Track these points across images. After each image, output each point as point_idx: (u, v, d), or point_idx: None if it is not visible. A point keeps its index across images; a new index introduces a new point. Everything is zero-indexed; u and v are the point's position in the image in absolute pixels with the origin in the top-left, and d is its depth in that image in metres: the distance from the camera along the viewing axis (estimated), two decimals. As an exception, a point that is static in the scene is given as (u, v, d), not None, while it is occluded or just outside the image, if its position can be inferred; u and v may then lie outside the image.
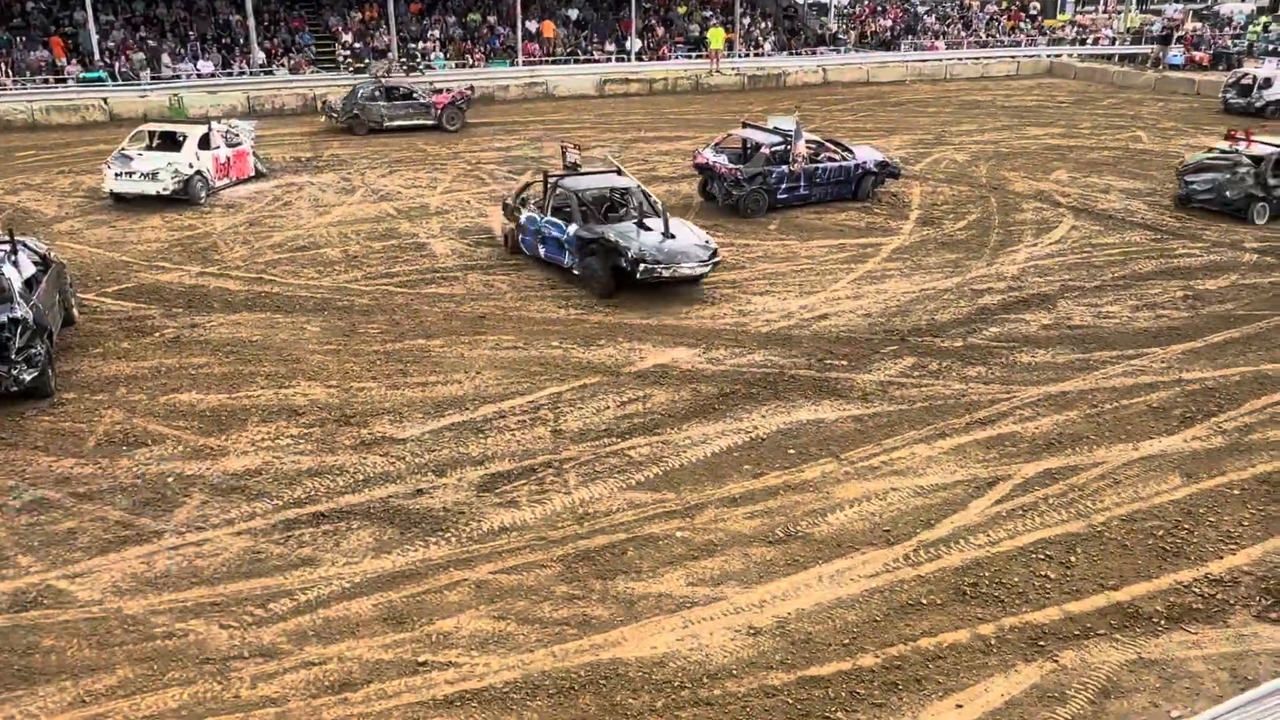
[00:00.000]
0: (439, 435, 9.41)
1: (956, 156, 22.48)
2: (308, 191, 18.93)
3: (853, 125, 26.26)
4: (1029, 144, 23.95)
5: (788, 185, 17.47)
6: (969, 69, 37.89)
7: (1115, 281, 13.95)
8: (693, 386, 10.50)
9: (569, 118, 27.68)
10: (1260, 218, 16.70)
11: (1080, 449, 9.20)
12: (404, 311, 12.65)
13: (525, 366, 10.98)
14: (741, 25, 37.24)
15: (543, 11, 35.73)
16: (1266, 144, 17.20)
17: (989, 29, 42.28)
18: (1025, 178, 20.29)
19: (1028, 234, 16.28)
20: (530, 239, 14.34)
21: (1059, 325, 12.29)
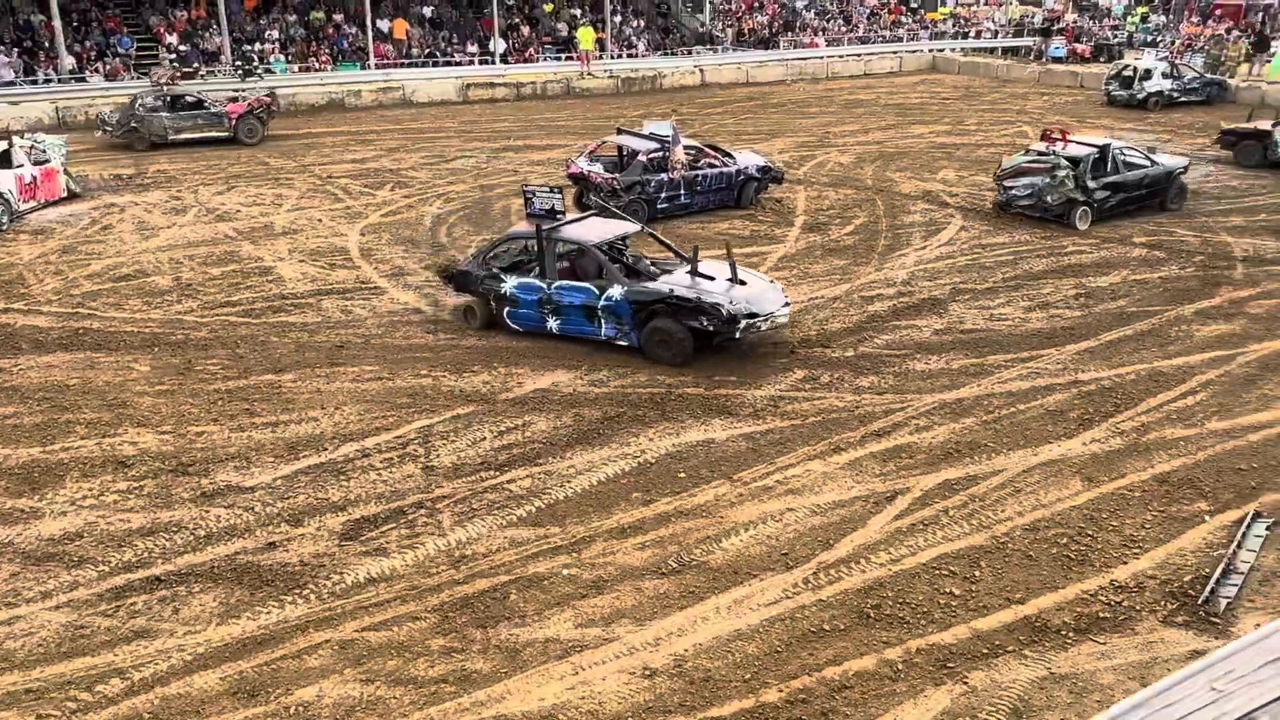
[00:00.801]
0: (293, 480, 9.11)
1: (841, 158, 23.21)
2: (131, 213, 18.15)
3: (733, 129, 26.84)
4: (914, 143, 24.93)
5: (668, 194, 17.71)
6: (851, 66, 39.26)
7: (1006, 282, 14.61)
8: (575, 411, 10.48)
9: (431, 126, 27.43)
10: (1082, 222, 16.99)
11: (979, 457, 9.57)
12: (248, 344, 12.23)
13: (390, 399, 10.75)
14: (612, 24, 37.68)
15: (395, 9, 35.35)
16: (1083, 144, 17.61)
17: (870, 24, 43.95)
18: (912, 178, 21.09)
19: (916, 236, 16.91)
20: (530, 312, 12.29)
21: (951, 330, 12.79)
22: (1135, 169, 17.73)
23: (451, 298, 13.37)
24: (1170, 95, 29.97)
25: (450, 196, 19.59)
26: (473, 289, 12.68)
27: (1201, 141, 24.89)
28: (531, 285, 12.26)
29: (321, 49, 32.74)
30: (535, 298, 12.24)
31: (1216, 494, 8.95)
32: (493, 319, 12.63)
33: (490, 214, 18.33)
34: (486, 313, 12.64)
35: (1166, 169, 18.11)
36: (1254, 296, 13.91)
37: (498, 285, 12.43)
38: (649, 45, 38.12)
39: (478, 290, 12.61)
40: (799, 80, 37.33)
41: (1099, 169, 17.31)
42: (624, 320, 11.82)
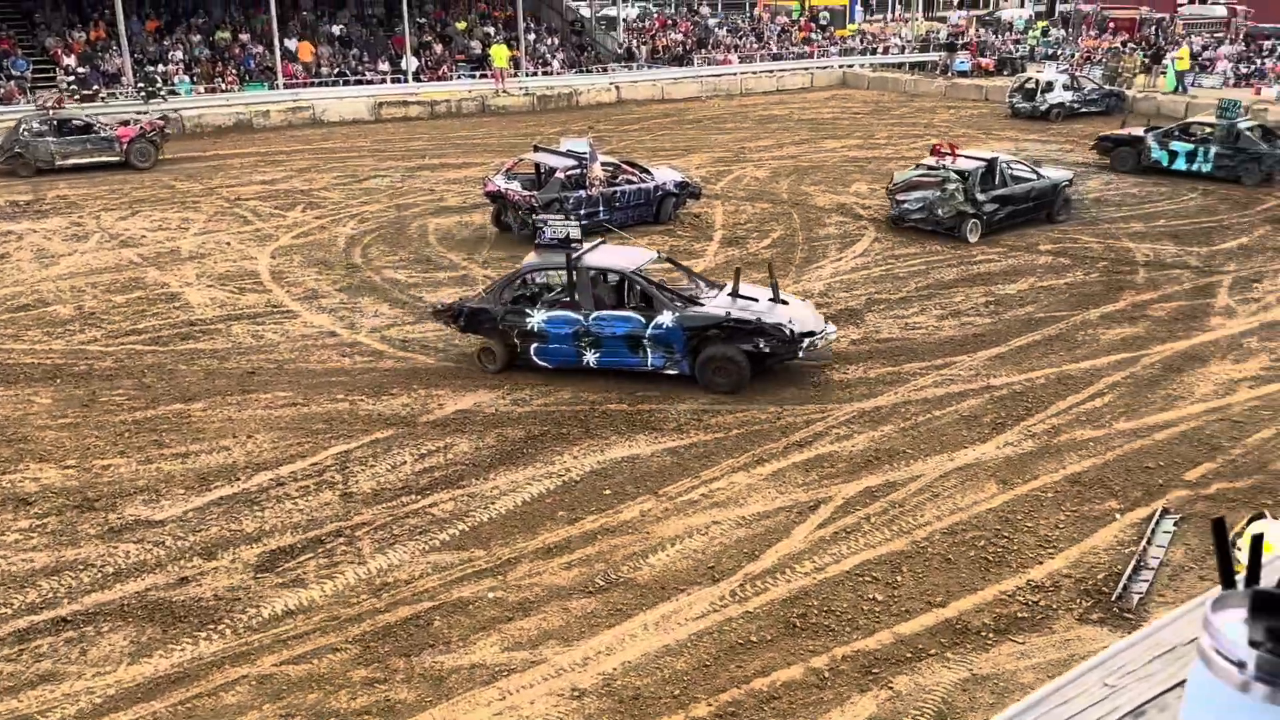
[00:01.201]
0: (205, 512, 8.86)
1: (757, 173, 23.53)
2: (29, 240, 17.53)
3: (650, 145, 27.03)
4: (828, 157, 25.39)
5: (586, 210, 17.71)
6: (764, 82, 39.86)
7: (919, 292, 14.95)
8: (498, 431, 10.41)
9: (343, 145, 27.06)
10: (973, 235, 17.29)
11: (898, 464, 9.76)
12: (156, 373, 11.89)
13: (306, 425, 10.54)
14: (527, 42, 37.69)
15: (303, 28, 34.86)
16: (971, 157, 18.02)
17: (781, 41, 44.72)
18: (826, 191, 21.47)
19: (832, 249, 17.21)
20: (563, 346, 11.61)
21: (868, 339, 13.03)
22: (1022, 182, 18.17)
23: (446, 335, 12.93)
24: (1071, 106, 31.05)
25: (364, 217, 19.34)
26: (490, 328, 11.77)
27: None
28: (565, 318, 11.50)
29: (228, 69, 32.09)
30: (569, 331, 11.50)
31: (1126, 492, 9.26)
32: (514, 358, 11.81)
33: (406, 233, 18.14)
34: (507, 352, 11.78)
35: (1052, 181, 18.60)
36: (1156, 300, 14.46)
37: (523, 321, 11.57)
38: (564, 63, 38.22)
39: (497, 329, 11.71)
40: (714, 96, 37.77)
41: (987, 182, 17.71)
42: (675, 348, 11.32)
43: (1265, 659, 0.92)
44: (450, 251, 17.03)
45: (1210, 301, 14.39)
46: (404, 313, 14.01)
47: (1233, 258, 16.48)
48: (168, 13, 34.08)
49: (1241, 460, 9.83)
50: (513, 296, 11.95)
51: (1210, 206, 19.89)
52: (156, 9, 33.95)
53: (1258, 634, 0.94)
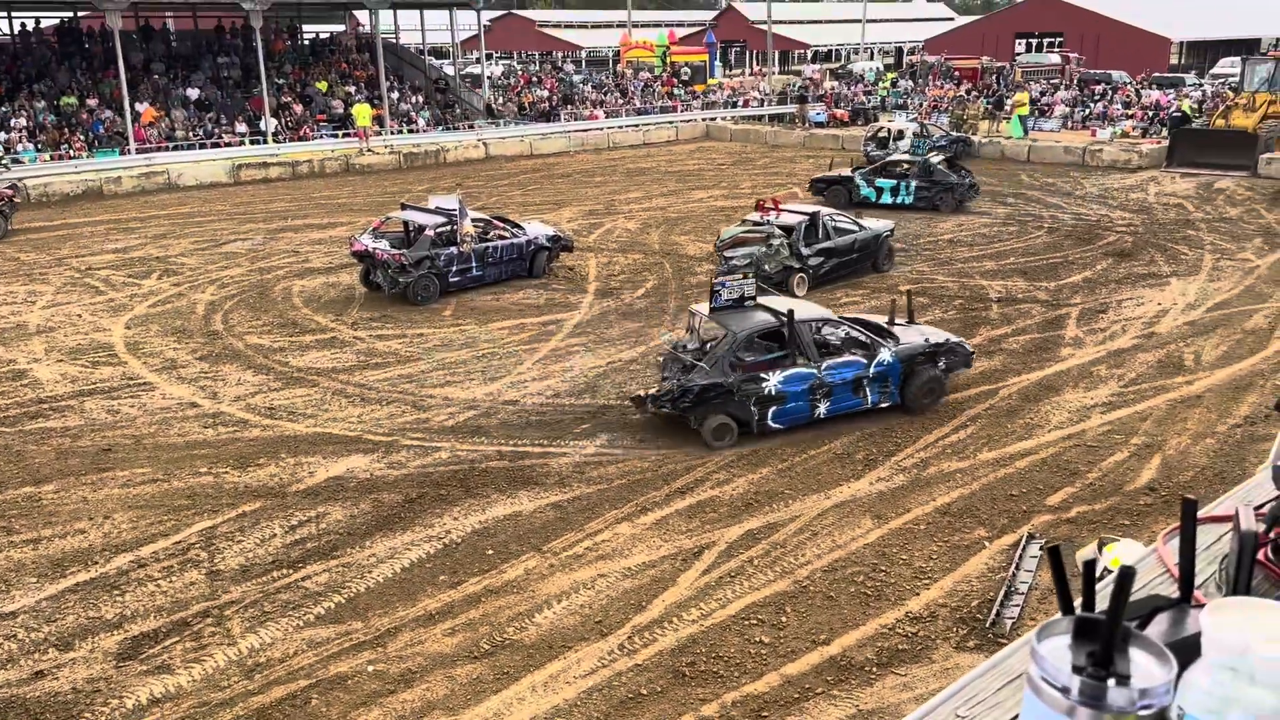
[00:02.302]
0: (60, 601, 8.34)
1: (628, 225, 23.85)
2: None
3: (521, 200, 27.13)
4: (696, 207, 25.94)
5: (459, 267, 17.64)
6: (630, 136, 40.60)
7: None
8: (374, 497, 10.16)
9: (200, 210, 26.27)
10: (800, 289, 17.37)
11: (777, 505, 9.92)
12: (2, 456, 11.19)
13: (167, 502, 10.08)
14: (390, 100, 37.48)
15: (155, 92, 33.87)
16: (795, 212, 18.36)
17: (645, 96, 45.68)
18: (696, 241, 21.89)
19: (704, 297, 17.47)
20: (799, 404, 11.50)
21: (744, 384, 13.24)
22: (845, 234, 18.36)
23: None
24: (922, 153, 32.62)
25: (225, 282, 18.77)
26: (723, 401, 11.20)
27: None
28: (798, 375, 11.42)
29: (75, 135, 30.87)
30: (804, 387, 11.46)
31: (993, 520, 9.62)
32: (726, 429, 11.29)
33: (270, 297, 17.67)
34: (737, 424, 11.30)
35: (875, 232, 18.88)
36: (1010, 334, 15.18)
37: (759, 386, 11.28)
38: (430, 120, 38.13)
39: (734, 400, 11.22)
40: (582, 151, 38.24)
41: (811, 236, 17.86)
42: (890, 381, 11.97)
43: (1087, 684, 0.97)
44: (317, 314, 16.66)
45: (1060, 333, 15.19)
46: (270, 379, 13.60)
47: (1078, 291, 17.47)
48: (8, 79, 32.67)
49: (1098, 483, 10.35)
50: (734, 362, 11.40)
51: (1055, 243, 21.07)
52: (-5, 74, 32.53)
53: (1080, 659, 0.98)
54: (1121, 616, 0.99)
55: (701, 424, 11.23)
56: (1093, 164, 31.87)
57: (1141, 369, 13.63)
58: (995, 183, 28.96)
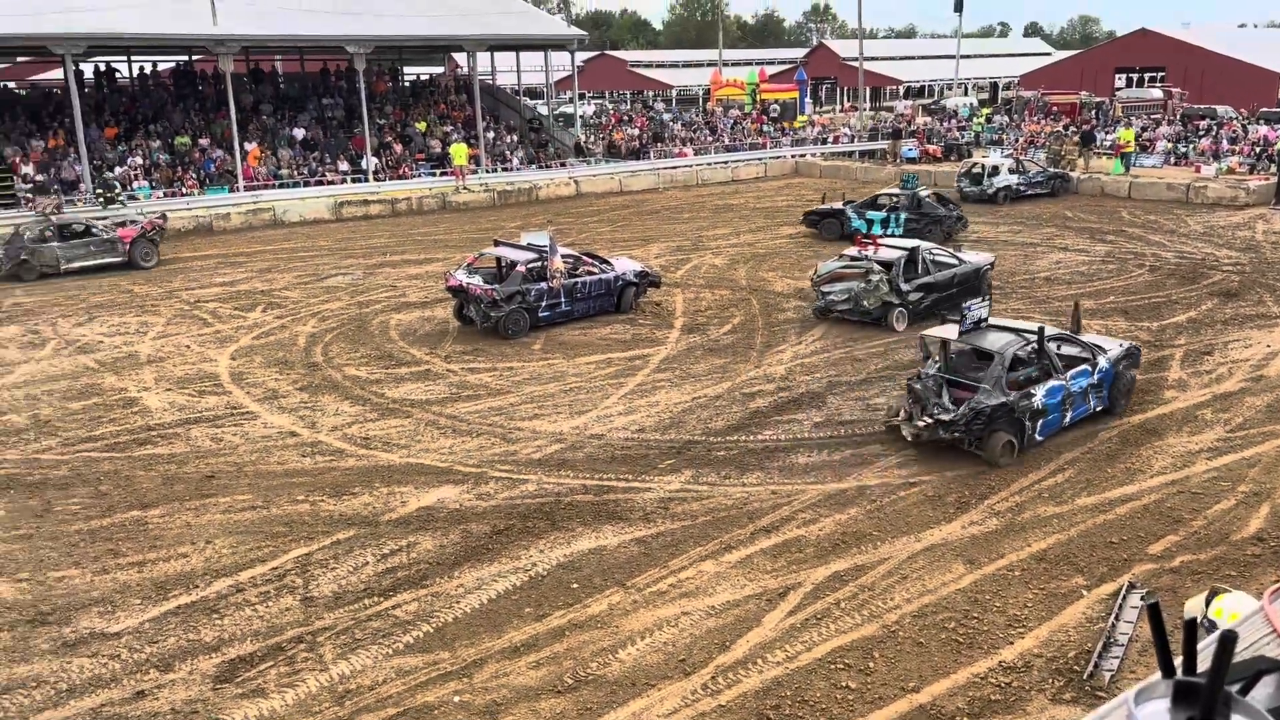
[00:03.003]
0: (162, 623, 8.63)
1: (715, 261, 23.88)
2: (-16, 349, 17.31)
3: (609, 236, 27.42)
4: (784, 243, 25.86)
5: (548, 302, 17.88)
6: (719, 173, 40.75)
7: (879, 374, 15.13)
8: (462, 527, 10.29)
9: (304, 245, 27.18)
10: (899, 324, 17.37)
11: (865, 547, 9.75)
12: (112, 480, 11.68)
13: (266, 528, 10.37)
14: (486, 140, 38.36)
15: (263, 133, 35.27)
16: (893, 248, 18.19)
17: (734, 133, 45.87)
18: (784, 277, 21.81)
19: (791, 333, 17.42)
20: (1054, 415, 12.08)
21: (830, 422, 13.12)
22: (945, 268, 18.14)
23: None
24: (1018, 189, 31.97)
25: (325, 315, 19.34)
26: (1007, 419, 11.57)
27: (1049, 230, 26.55)
28: (1055, 388, 12.06)
29: (188, 173, 32.31)
30: (1058, 399, 12.10)
31: (1091, 568, 9.29)
32: (1003, 447, 11.61)
33: (368, 330, 18.14)
34: (999, 436, 11.57)
35: (975, 266, 18.57)
36: (1108, 374, 14.71)
37: (1030, 402, 11.77)
38: (523, 159, 38.90)
39: (1013, 418, 11.62)
40: (670, 188, 38.51)
41: (910, 271, 17.74)
42: (1104, 385, 12.63)
43: (1186, 749, 0.93)
44: (412, 347, 17.04)
45: (1163, 375, 14.67)
46: (366, 410, 13.93)
47: (1182, 331, 16.87)
48: (126, 120, 34.40)
49: (1203, 532, 9.93)
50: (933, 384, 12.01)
51: (1158, 282, 20.42)
52: (116, 117, 34.28)
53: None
54: (1224, 681, 0.96)
55: (984, 444, 11.59)
56: (1197, 201, 30.85)
57: (1249, 413, 13.08)
58: (1094, 220, 28.25)
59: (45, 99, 35.54)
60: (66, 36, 29.06)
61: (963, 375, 12.34)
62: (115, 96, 36.27)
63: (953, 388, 12.06)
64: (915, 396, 12.14)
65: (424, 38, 38.51)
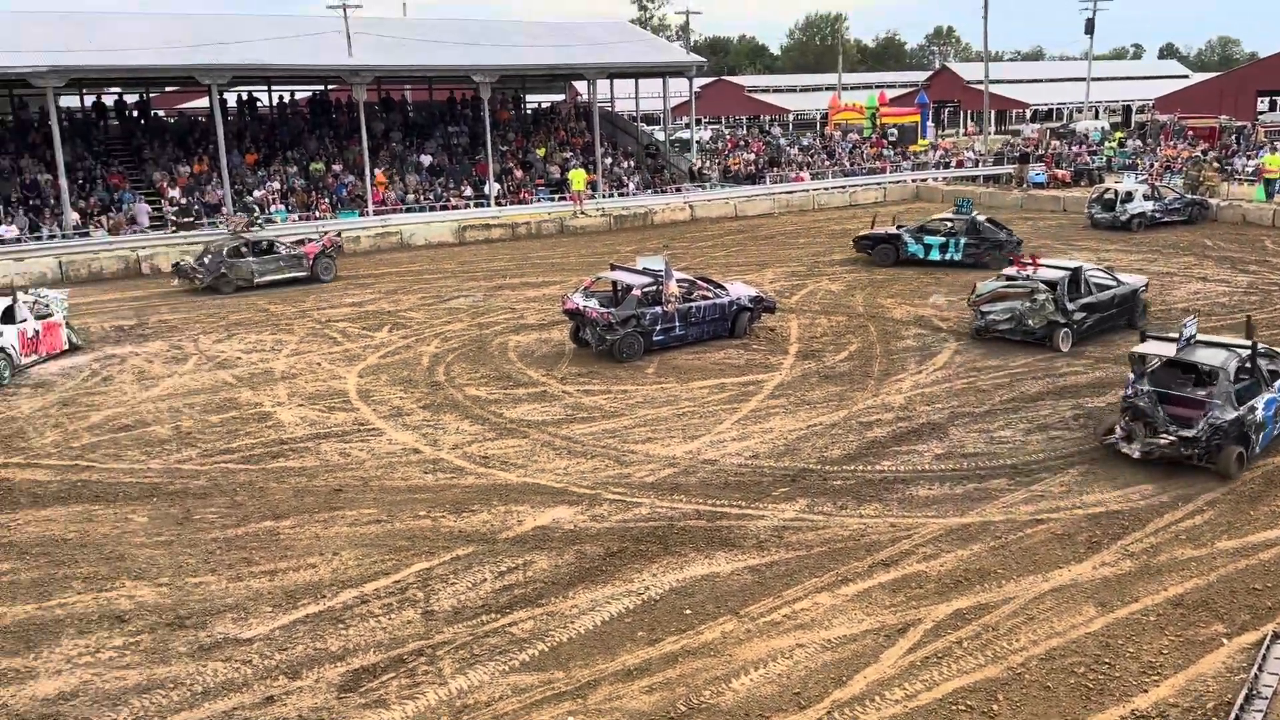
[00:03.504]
0: (291, 630, 8.95)
1: (831, 286, 23.63)
2: (131, 364, 18.33)
3: (724, 261, 27.41)
4: (903, 270, 25.38)
5: (663, 326, 17.97)
6: (836, 198, 40.35)
7: (1004, 405, 14.70)
8: (577, 548, 10.39)
9: (428, 267, 27.98)
10: (1065, 344, 17.13)
11: (989, 585, 9.45)
12: (247, 491, 12.19)
13: (389, 542, 10.66)
14: (604, 165, 38.90)
15: (393, 159, 36.53)
16: (1055, 267, 17.88)
17: (853, 157, 45.37)
18: (902, 304, 21.43)
19: (911, 361, 17.09)
20: (1271, 428, 12.38)
21: (952, 454, 12.80)
22: (1105, 289, 17.98)
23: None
24: (1153, 216, 30.69)
25: (447, 335, 19.85)
26: (1240, 432, 11.87)
27: (1186, 259, 25.42)
28: (1272, 400, 12.32)
29: (321, 197, 33.67)
30: (1274, 410, 12.37)
31: (1233, 615, 8.81)
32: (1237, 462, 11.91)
33: (488, 351, 18.54)
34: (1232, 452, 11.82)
35: (1132, 287, 18.43)
36: (1252, 411, 13.95)
37: (1254, 415, 12.02)
38: (640, 184, 39.28)
39: (1242, 432, 11.90)
40: (786, 213, 38.31)
41: (1074, 291, 17.53)
42: None
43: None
44: (530, 368, 17.33)
45: (1312, 412, 13.84)
46: (485, 429, 14.22)
47: (1333, 367, 15.89)
48: (265, 146, 36.11)
49: (1358, 581, 9.30)
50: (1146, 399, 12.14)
51: (1305, 314, 19.31)
52: (256, 144, 36.01)
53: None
54: None
55: (1216, 458, 11.66)
56: (1350, 228, 29.08)
57: None
58: (1235, 249, 26.92)
59: (191, 126, 37.60)
60: (214, 68, 30.73)
61: (1172, 390, 12.37)
62: (256, 124, 38.09)
63: (1165, 404, 12.11)
64: (1138, 414, 12.09)
65: (548, 67, 39.40)
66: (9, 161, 31.61)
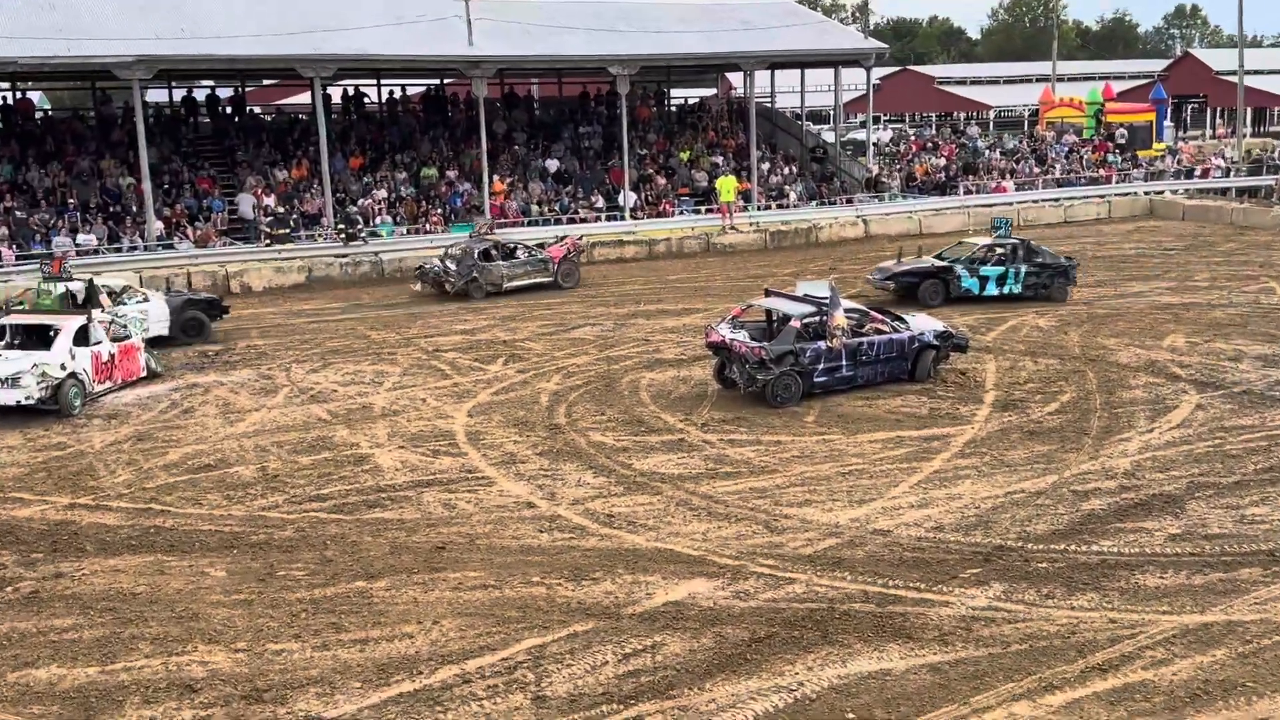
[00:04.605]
0: (382, 711, 9.18)
1: (1039, 321, 23.04)
2: (215, 394, 19.29)
3: (907, 287, 27.05)
4: (1131, 303, 24.60)
5: (826, 365, 17.82)
6: (1048, 213, 39.42)
7: (1260, 475, 14.04)
8: (716, 630, 10.35)
9: (547, 291, 28.54)
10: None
11: (1235, 701, 8.99)
12: (338, 545, 12.62)
13: (497, 612, 10.84)
14: (760, 172, 39.03)
15: (514, 163, 37.53)
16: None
17: (1069, 164, 44.24)
18: (1130, 345, 20.72)
19: (1140, 417, 16.49)
20: None
21: (1191, 535, 12.28)
22: None
23: None
24: None
25: (570, 370, 20.19)
26: None
27: None
28: None
29: (432, 209, 34.83)
30: None
31: None
32: None
33: (616, 390, 18.77)
34: None
35: None
36: None
37: None
38: (802, 194, 39.24)
39: None
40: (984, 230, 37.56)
41: None
42: None
43: None
44: (665, 411, 17.44)
45: None
46: (610, 482, 14.36)
47: None
48: (373, 149, 37.57)
49: None
50: None
51: None
52: (361, 146, 37.53)
53: None
54: None
55: None
56: None
57: None
58: None
59: (291, 125, 39.50)
60: (317, 58, 32.30)
61: None
62: (362, 124, 39.79)
63: None
64: None
65: (698, 56, 39.88)
66: (89, 163, 33.86)
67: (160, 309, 23.09)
